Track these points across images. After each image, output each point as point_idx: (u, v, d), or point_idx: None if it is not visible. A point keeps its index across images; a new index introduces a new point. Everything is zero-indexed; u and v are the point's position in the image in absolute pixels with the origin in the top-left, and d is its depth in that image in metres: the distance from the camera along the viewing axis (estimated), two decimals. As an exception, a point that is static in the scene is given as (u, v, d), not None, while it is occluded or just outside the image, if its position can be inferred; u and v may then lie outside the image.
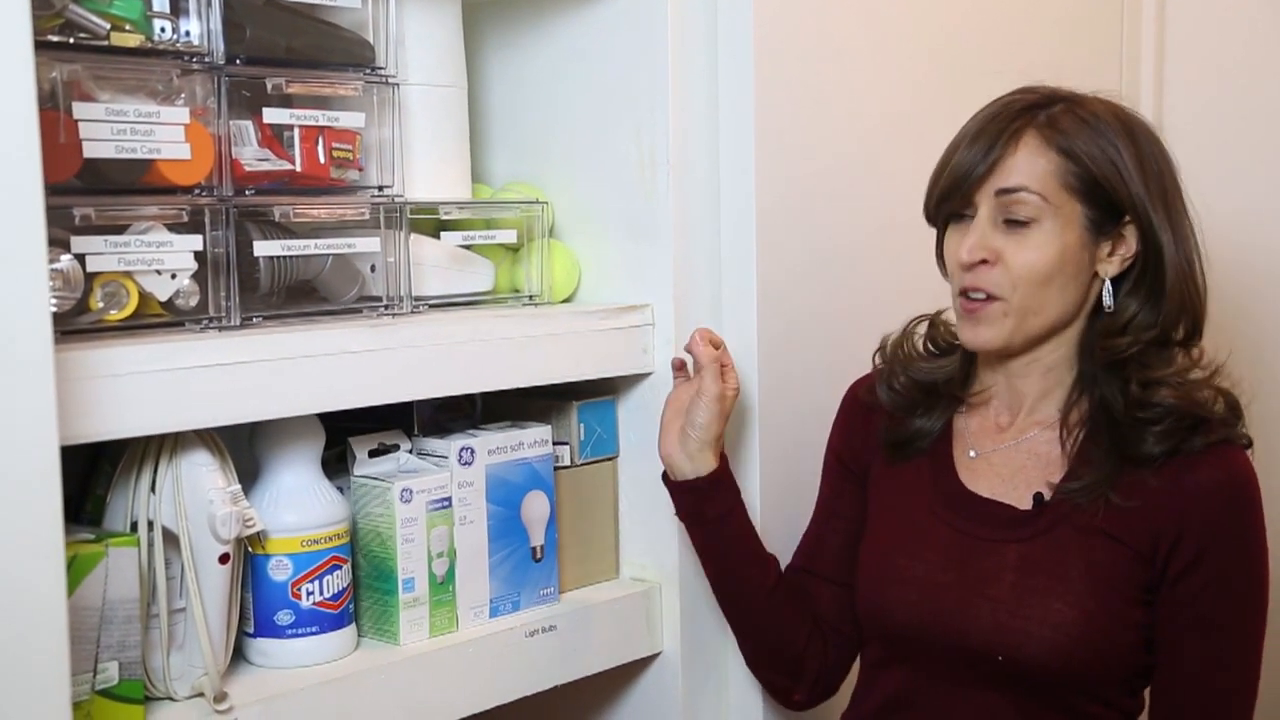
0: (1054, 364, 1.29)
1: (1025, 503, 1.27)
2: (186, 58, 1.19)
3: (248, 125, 1.24)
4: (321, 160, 1.28)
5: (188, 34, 1.19)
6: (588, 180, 1.51)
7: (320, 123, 1.28)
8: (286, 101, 1.26)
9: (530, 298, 1.46)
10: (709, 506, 1.38)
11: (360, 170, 1.32)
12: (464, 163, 1.45)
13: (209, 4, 1.19)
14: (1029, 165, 1.24)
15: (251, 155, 1.24)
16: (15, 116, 0.95)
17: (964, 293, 1.28)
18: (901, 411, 1.36)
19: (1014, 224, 1.24)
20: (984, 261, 1.25)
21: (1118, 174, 1.23)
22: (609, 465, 1.50)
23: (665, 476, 1.40)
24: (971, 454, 1.32)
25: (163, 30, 1.18)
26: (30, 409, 0.97)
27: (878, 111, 1.60)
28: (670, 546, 1.47)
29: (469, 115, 1.47)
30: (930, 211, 1.32)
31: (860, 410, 1.41)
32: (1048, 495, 1.26)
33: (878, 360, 1.40)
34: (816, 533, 1.44)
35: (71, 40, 1.11)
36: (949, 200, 1.28)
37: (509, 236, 1.45)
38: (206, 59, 1.20)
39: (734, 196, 1.48)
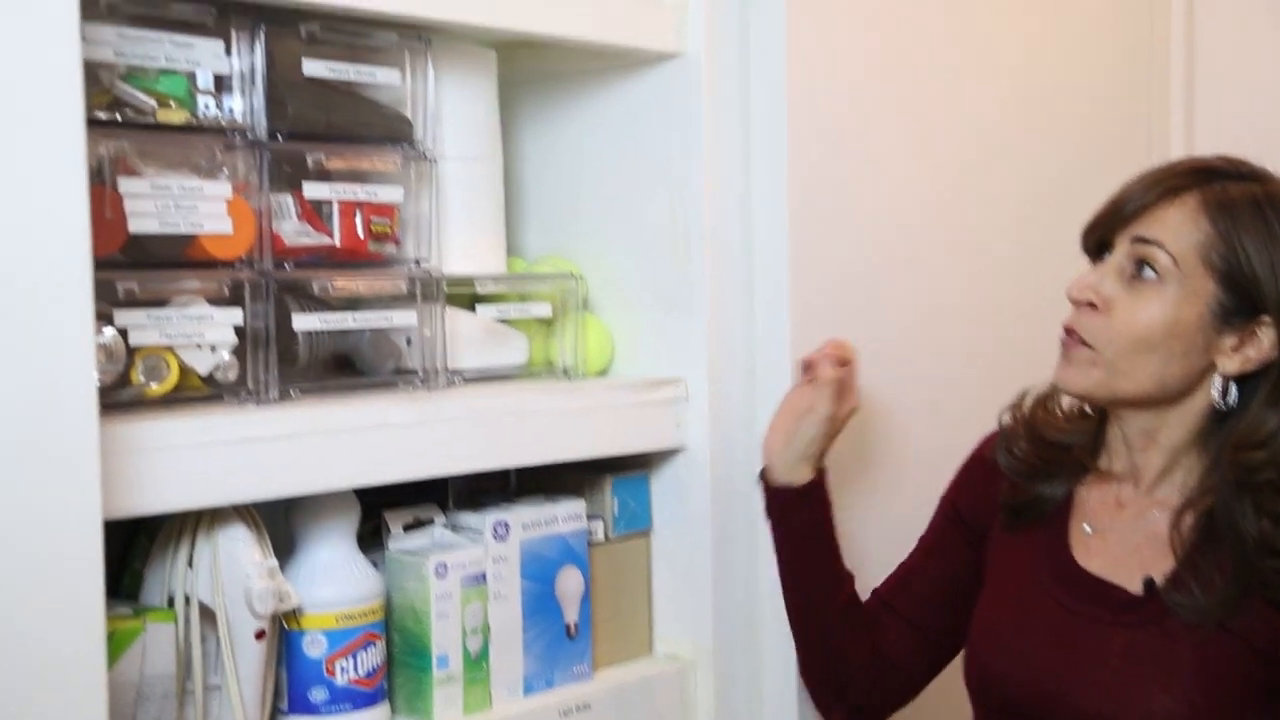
0: (1172, 445, 1.25)
1: (1136, 586, 1.23)
2: (230, 133, 1.21)
3: (288, 200, 1.27)
4: (360, 234, 1.30)
5: (231, 110, 1.22)
6: (621, 253, 1.53)
7: (359, 197, 1.30)
8: (326, 176, 1.28)
9: (564, 371, 1.48)
10: (795, 516, 1.38)
11: (398, 244, 1.34)
12: (499, 236, 1.47)
13: (252, 81, 1.22)
14: (1175, 224, 1.20)
15: (291, 229, 1.27)
16: (67, 193, 0.97)
17: (1066, 328, 1.25)
18: (1019, 478, 1.33)
19: (1137, 277, 1.21)
20: (1092, 305, 1.23)
21: (1272, 272, 1.17)
22: (642, 540, 1.50)
23: (762, 472, 1.40)
24: (1087, 529, 1.29)
25: (207, 107, 1.20)
26: (74, 484, 0.98)
27: (912, 185, 1.62)
28: (704, 624, 1.47)
29: (504, 189, 1.49)
30: (1081, 239, 1.29)
31: (985, 468, 1.37)
32: (1160, 582, 1.22)
33: (1007, 419, 1.37)
34: (908, 571, 1.43)
35: (119, 117, 1.14)
36: (1094, 231, 1.26)
37: (543, 310, 1.47)
38: (249, 135, 1.22)
39: (767, 269, 1.49)
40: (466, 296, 1.41)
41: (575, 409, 1.38)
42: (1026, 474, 1.32)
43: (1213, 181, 1.21)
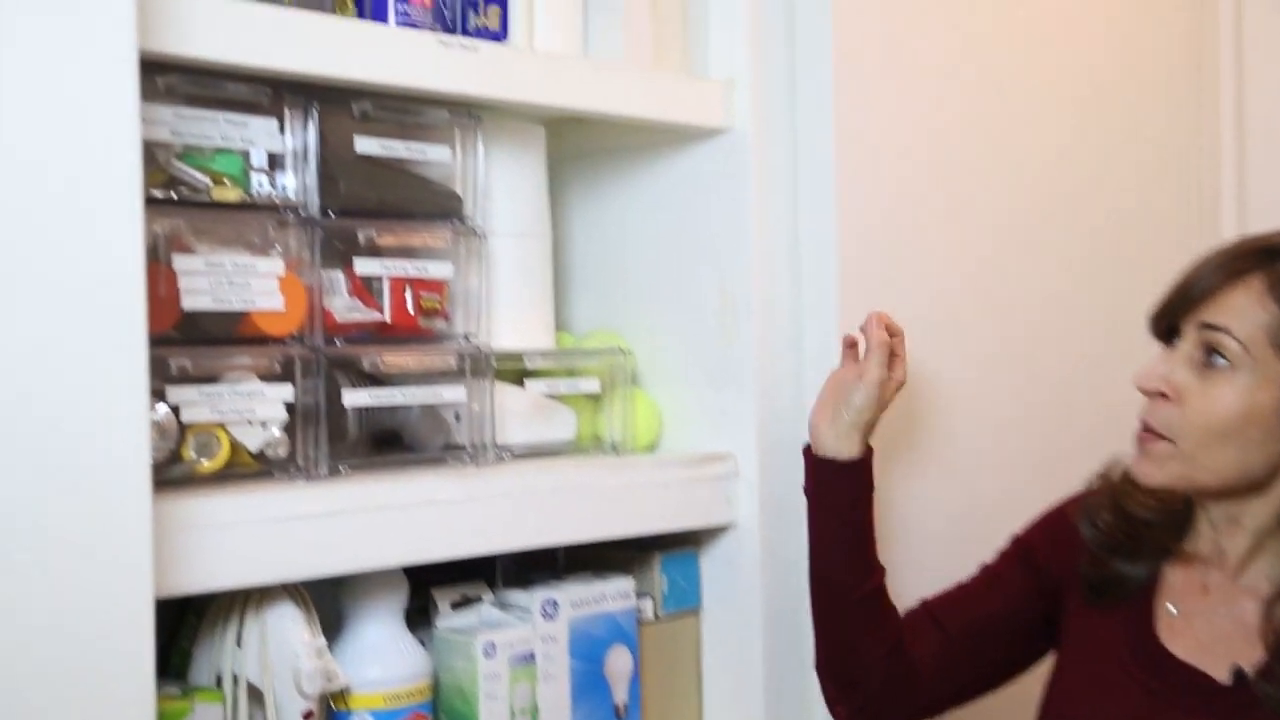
0: (1258, 529, 1.22)
1: (1224, 674, 1.20)
2: (283, 211, 1.22)
3: (339, 276, 1.27)
4: (410, 310, 1.31)
5: (284, 188, 1.23)
6: (670, 327, 1.52)
7: (409, 273, 1.30)
8: (377, 252, 1.29)
9: (613, 447, 1.47)
10: (838, 489, 1.35)
11: (447, 319, 1.34)
12: (547, 311, 1.48)
13: (305, 159, 1.23)
14: (1242, 308, 1.18)
15: (342, 305, 1.27)
16: (123, 272, 0.98)
17: (1141, 422, 1.23)
18: (1100, 551, 1.30)
19: (1208, 365, 1.19)
20: (1163, 395, 1.20)
21: None
22: (692, 619, 1.49)
23: (806, 448, 1.38)
24: (1172, 610, 1.26)
25: (260, 184, 1.22)
26: (126, 562, 0.98)
27: (961, 256, 1.62)
28: (755, 705, 1.45)
29: (553, 263, 1.49)
30: (1150, 324, 1.27)
31: (1067, 528, 1.34)
32: (1250, 672, 1.19)
33: (1096, 484, 1.34)
34: (966, 593, 1.40)
35: (175, 195, 1.15)
36: (1161, 318, 1.24)
37: (591, 385, 1.46)
38: (302, 212, 1.23)
39: (817, 343, 1.49)
40: (515, 371, 1.41)
41: (624, 485, 1.37)
42: (1108, 548, 1.30)
43: (1276, 261, 1.20)
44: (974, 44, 1.66)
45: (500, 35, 1.37)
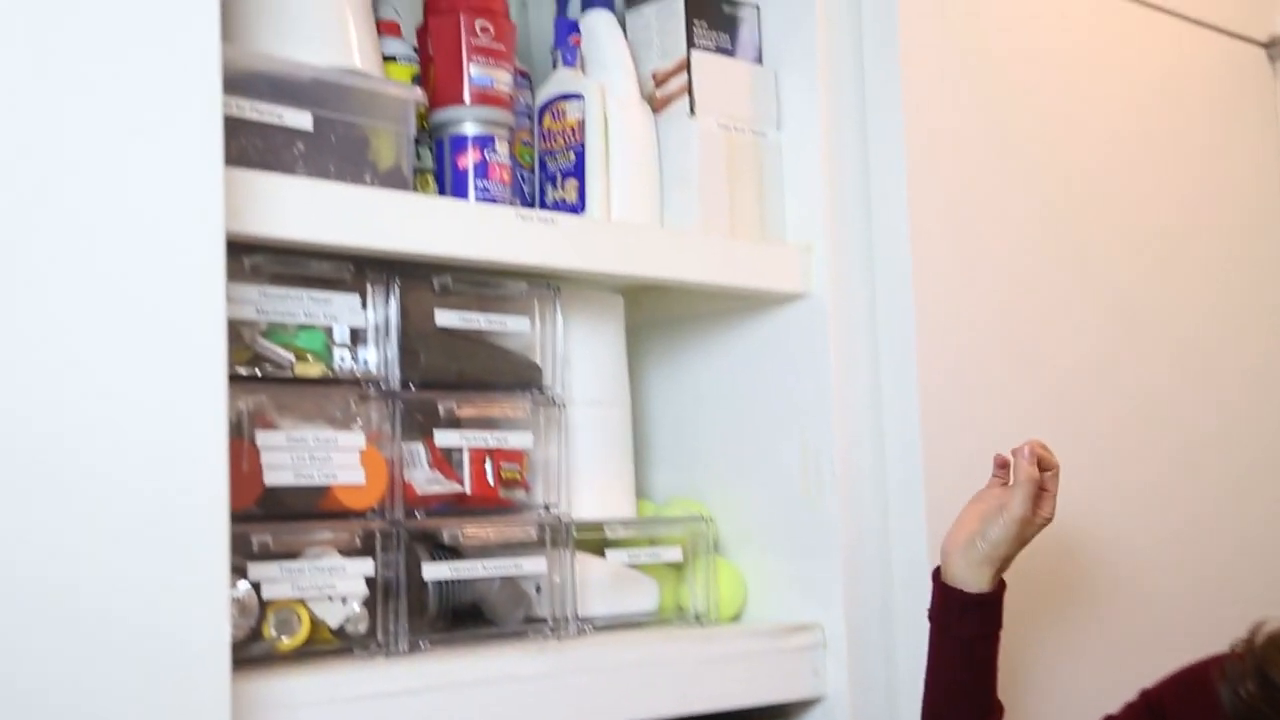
0: None
1: None
2: (364, 385, 1.24)
3: (419, 448, 1.28)
4: (490, 481, 1.31)
5: (365, 362, 1.25)
6: (752, 494, 1.51)
7: (489, 444, 1.31)
8: (457, 424, 1.30)
9: (696, 617, 1.44)
10: (963, 624, 1.30)
11: (527, 490, 1.34)
12: (627, 479, 1.47)
13: (386, 333, 1.25)
14: None
15: (423, 478, 1.27)
16: (208, 450, 0.99)
17: None
18: None
19: None
20: None
21: None
22: (781, 797, 1.44)
23: (936, 571, 1.33)
24: None
25: (342, 359, 1.24)
26: (205, 744, 0.97)
27: (1045, 416, 1.59)
28: None
29: (632, 431, 1.49)
30: None
31: (1205, 692, 1.27)
32: None
33: (1240, 647, 1.27)
34: None
35: (258, 372, 1.17)
36: None
37: (673, 554, 1.44)
38: (383, 386, 1.24)
39: (903, 509, 1.46)
40: (596, 541, 1.40)
41: (708, 658, 1.34)
42: (1249, 719, 1.24)
43: None
44: (1050, 188, 1.65)
45: (578, 207, 1.40)
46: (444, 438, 1.28)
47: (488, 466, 1.31)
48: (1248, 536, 1.82)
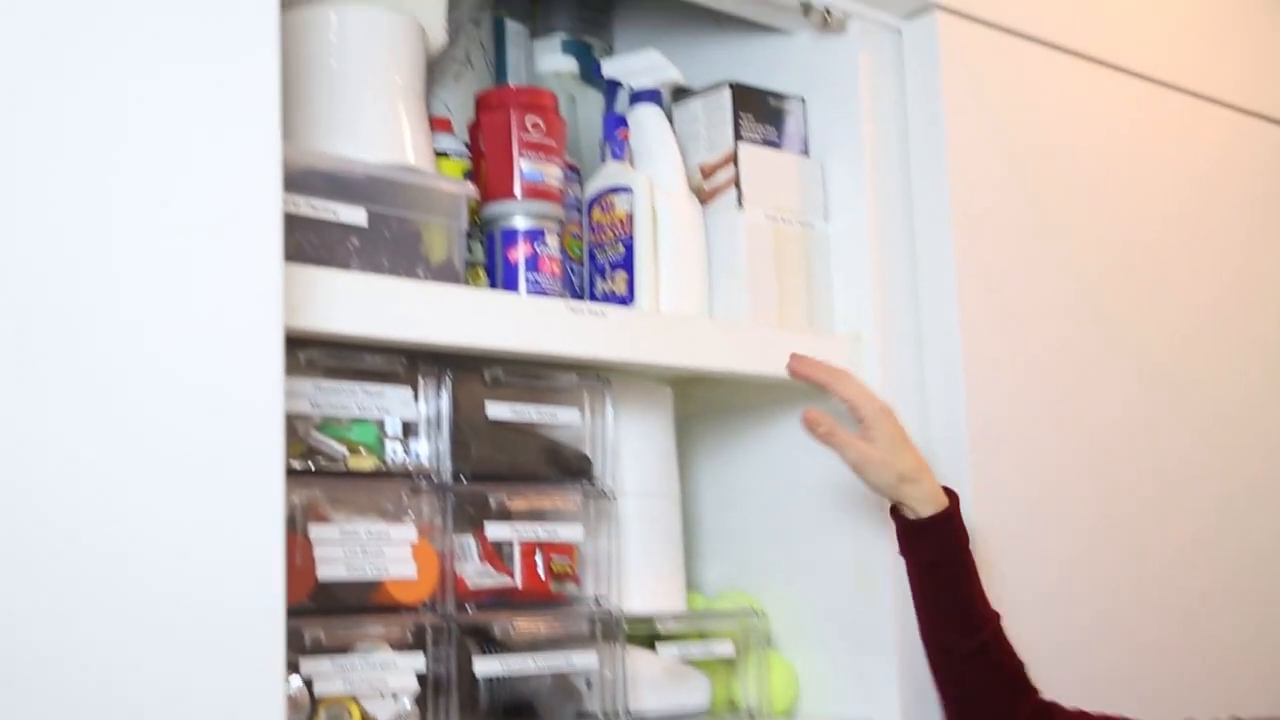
0: None
1: None
2: (416, 478, 1.24)
3: (470, 541, 1.28)
4: (541, 574, 1.30)
5: (417, 455, 1.25)
6: (804, 587, 1.49)
7: (540, 537, 1.31)
8: (507, 516, 1.30)
9: (749, 713, 1.42)
10: (916, 550, 1.36)
11: (578, 583, 1.34)
12: (678, 572, 1.46)
13: (438, 426, 1.25)
14: None
15: (473, 571, 1.27)
16: (267, 551, 0.99)
17: None
18: None
19: None
20: None
21: None
22: None
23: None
24: None
25: (394, 452, 1.24)
26: (257, 845, 0.96)
27: (1096, 500, 1.59)
28: None
29: (682, 522, 1.49)
30: None
31: None
32: None
33: None
34: None
35: (313, 466, 1.18)
36: None
37: (725, 649, 1.43)
38: (434, 478, 1.25)
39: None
40: (646, 635, 1.38)
41: (762, 755, 1.33)
42: None
43: None
44: (1094, 272, 1.65)
45: (627, 299, 1.41)
46: (495, 530, 1.28)
47: (538, 559, 1.31)
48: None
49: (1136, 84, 1.74)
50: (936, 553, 1.35)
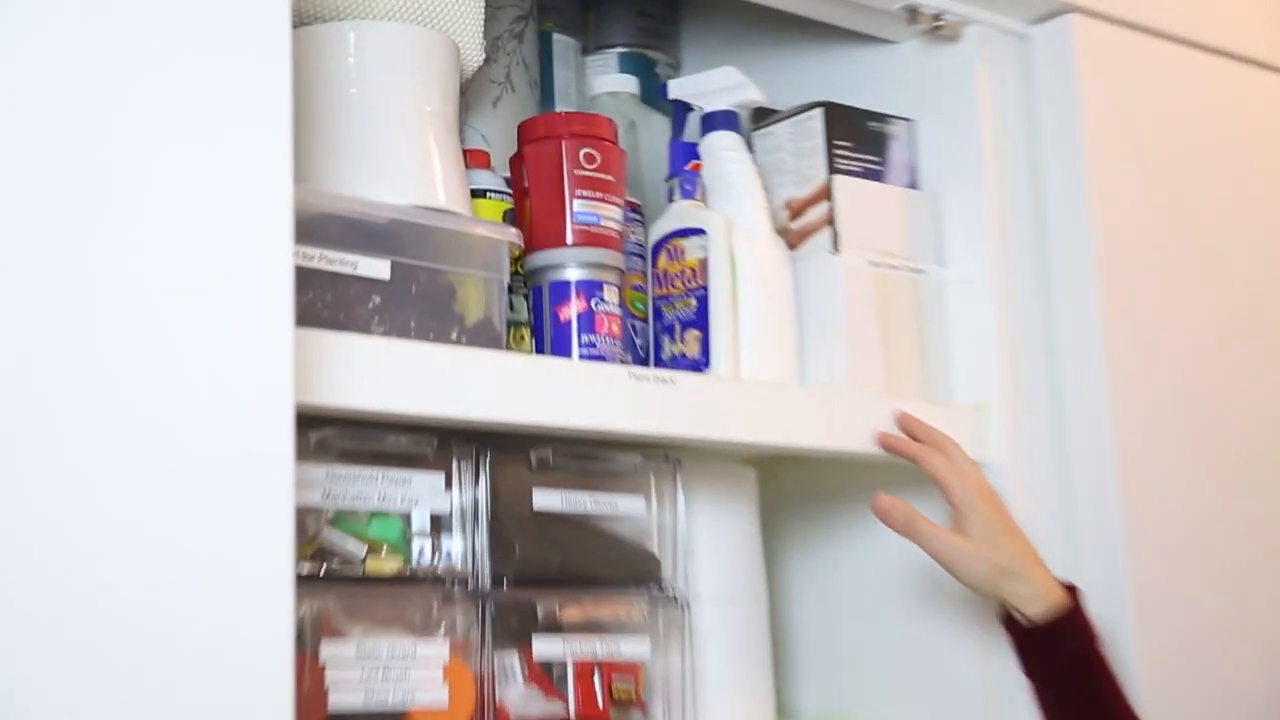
0: None
1: None
2: (448, 583, 1.23)
3: (514, 659, 1.26)
4: (599, 700, 1.29)
5: (450, 554, 1.24)
6: (919, 713, 1.49)
7: (598, 654, 1.29)
8: (558, 628, 1.28)
9: None
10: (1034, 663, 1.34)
11: (644, 710, 1.32)
12: (766, 695, 1.44)
13: (475, 519, 1.24)
14: None
15: (517, 696, 1.25)
16: (271, 675, 0.96)
17: None
18: None
19: None
20: None
21: None
22: None
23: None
24: None
25: (422, 552, 1.23)
26: None
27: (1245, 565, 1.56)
28: None
29: (770, 634, 1.47)
30: None
31: None
32: None
33: None
34: None
35: (323, 570, 1.16)
36: None
37: (826, 789, 1.40)
38: (470, 583, 1.23)
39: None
40: (730, 775, 1.36)
41: None
42: None
43: None
44: (1255, 326, 1.64)
45: (701, 364, 1.40)
46: (544, 646, 1.26)
47: (596, 681, 1.29)
48: None
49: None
50: (1059, 663, 1.33)
